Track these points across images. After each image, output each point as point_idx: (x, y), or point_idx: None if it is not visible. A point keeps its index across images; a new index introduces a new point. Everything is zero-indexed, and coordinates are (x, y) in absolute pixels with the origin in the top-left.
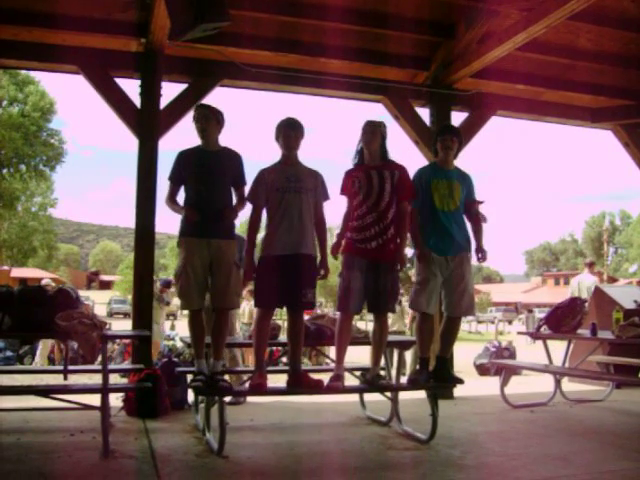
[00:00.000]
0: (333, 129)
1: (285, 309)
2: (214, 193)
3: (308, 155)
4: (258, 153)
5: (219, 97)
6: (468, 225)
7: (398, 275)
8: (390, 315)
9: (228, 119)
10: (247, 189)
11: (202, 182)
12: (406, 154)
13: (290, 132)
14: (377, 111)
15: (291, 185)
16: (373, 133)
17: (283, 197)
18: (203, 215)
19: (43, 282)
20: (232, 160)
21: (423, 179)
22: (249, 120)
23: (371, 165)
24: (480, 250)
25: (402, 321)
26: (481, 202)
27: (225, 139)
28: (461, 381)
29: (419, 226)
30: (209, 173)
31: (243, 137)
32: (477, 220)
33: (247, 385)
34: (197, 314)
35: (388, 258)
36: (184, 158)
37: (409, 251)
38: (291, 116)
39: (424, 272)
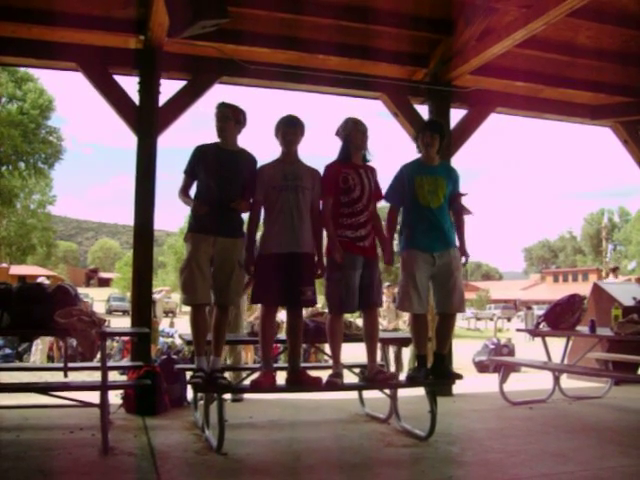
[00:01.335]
0: (332, 126)
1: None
2: (225, 191)
3: (306, 152)
4: (258, 150)
5: (218, 94)
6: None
7: (380, 271)
8: (386, 314)
9: None
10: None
11: (214, 179)
12: (405, 151)
13: (288, 129)
14: (376, 108)
15: (289, 183)
16: (366, 135)
17: (280, 195)
18: (211, 212)
19: (38, 280)
20: (247, 162)
21: (406, 176)
22: (250, 117)
23: (358, 164)
24: (463, 252)
25: (397, 319)
26: (463, 194)
27: None
28: (460, 376)
29: (404, 223)
30: (223, 171)
31: (243, 134)
32: (460, 215)
33: (247, 382)
34: (200, 310)
35: (376, 254)
36: (200, 153)
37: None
38: (291, 113)
39: (409, 271)
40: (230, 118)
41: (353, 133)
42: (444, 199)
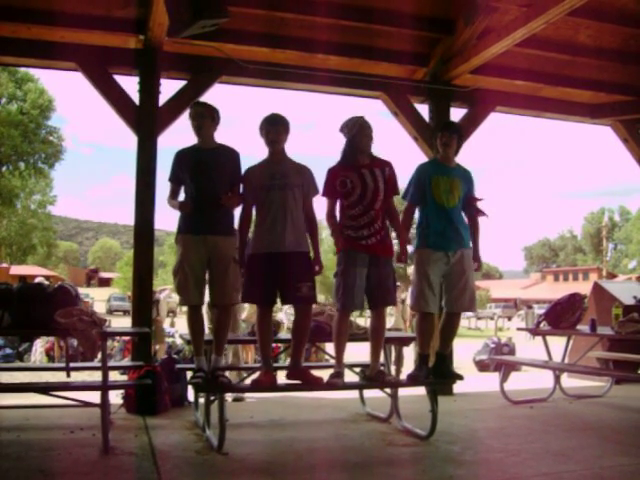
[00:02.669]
0: (334, 125)
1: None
2: (211, 190)
3: (308, 152)
4: (258, 149)
5: (218, 94)
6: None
7: (394, 269)
8: (393, 313)
9: (229, 115)
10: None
11: (200, 180)
12: (405, 150)
13: (271, 128)
14: (376, 107)
15: (276, 182)
16: (372, 138)
17: (268, 194)
18: (200, 212)
19: (36, 280)
20: (229, 157)
21: (423, 175)
22: (250, 116)
23: (361, 164)
24: (476, 258)
25: (405, 323)
26: (480, 199)
27: (226, 136)
28: (461, 377)
29: (420, 222)
30: (206, 171)
31: (244, 133)
32: (475, 220)
33: (247, 381)
34: (195, 310)
35: (387, 252)
36: (181, 158)
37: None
38: (274, 112)
39: (423, 271)
40: (206, 116)
41: (358, 137)
42: (459, 200)
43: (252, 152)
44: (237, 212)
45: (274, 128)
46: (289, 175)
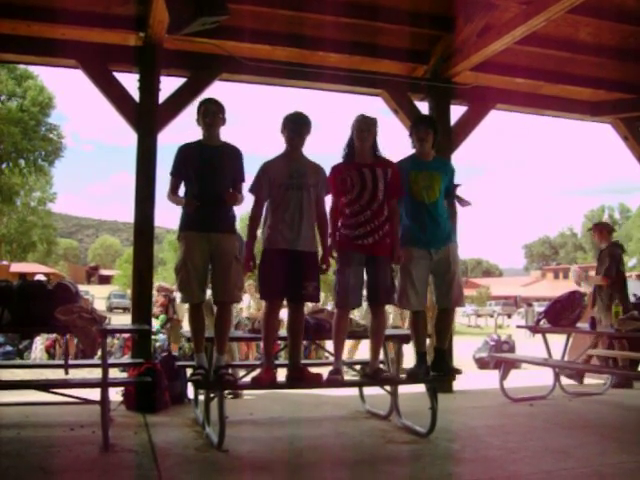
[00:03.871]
0: (334, 123)
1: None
2: (214, 188)
3: (309, 149)
4: (259, 147)
5: (218, 91)
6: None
7: (392, 268)
8: (390, 310)
9: (228, 113)
10: (245, 185)
11: (203, 177)
12: (405, 148)
13: (295, 127)
14: (376, 105)
15: (294, 181)
16: (369, 131)
17: (286, 193)
18: (203, 209)
19: (36, 278)
20: (233, 156)
21: (402, 171)
22: (250, 114)
23: (363, 162)
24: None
25: (403, 321)
26: (457, 185)
27: (226, 133)
28: (459, 371)
29: (401, 220)
30: (210, 168)
31: (244, 131)
32: (453, 207)
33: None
34: (197, 308)
35: (385, 251)
36: (185, 152)
37: None
38: (299, 111)
39: (406, 268)
40: (218, 113)
41: (353, 132)
42: (440, 194)
43: (252, 150)
44: (237, 210)
45: (298, 128)
46: (306, 175)
